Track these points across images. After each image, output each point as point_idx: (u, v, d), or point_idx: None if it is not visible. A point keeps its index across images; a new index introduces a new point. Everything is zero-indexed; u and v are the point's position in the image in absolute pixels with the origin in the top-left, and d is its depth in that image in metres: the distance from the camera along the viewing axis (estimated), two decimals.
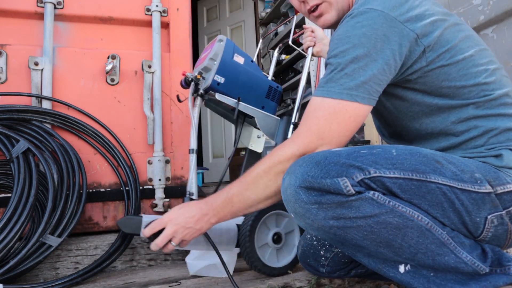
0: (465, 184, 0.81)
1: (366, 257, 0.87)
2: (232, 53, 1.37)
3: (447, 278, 0.82)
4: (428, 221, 0.79)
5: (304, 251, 1.15)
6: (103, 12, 1.78)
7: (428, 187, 0.80)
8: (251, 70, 1.41)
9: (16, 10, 1.67)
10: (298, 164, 0.81)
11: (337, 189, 0.76)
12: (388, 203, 0.78)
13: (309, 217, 0.80)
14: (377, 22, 0.84)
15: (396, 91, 0.94)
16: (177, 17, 1.88)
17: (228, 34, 4.33)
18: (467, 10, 1.77)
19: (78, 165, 1.51)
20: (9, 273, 1.23)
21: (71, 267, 1.43)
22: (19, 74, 1.63)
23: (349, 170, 0.77)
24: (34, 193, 1.29)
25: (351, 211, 0.77)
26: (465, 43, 0.91)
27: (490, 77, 0.91)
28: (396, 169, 0.79)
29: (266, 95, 1.46)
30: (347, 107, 0.85)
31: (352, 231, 0.79)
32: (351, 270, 1.12)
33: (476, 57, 0.91)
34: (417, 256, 0.80)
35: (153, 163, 1.73)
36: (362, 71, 0.84)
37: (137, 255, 1.51)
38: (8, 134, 1.41)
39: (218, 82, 1.32)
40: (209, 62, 1.34)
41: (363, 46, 0.84)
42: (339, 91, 0.85)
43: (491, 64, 0.93)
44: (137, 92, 1.77)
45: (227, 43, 1.36)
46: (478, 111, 0.90)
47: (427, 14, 0.87)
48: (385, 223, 0.77)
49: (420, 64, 0.88)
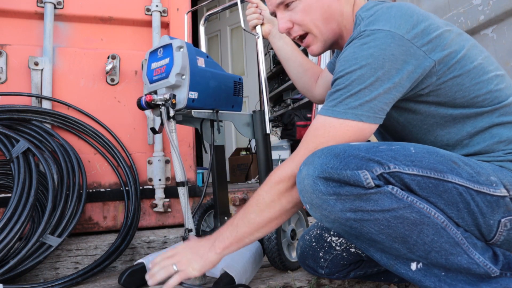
0: (481, 186, 0.81)
1: (378, 253, 0.86)
2: (196, 59, 1.17)
3: (457, 279, 0.82)
4: (444, 219, 0.79)
5: (303, 252, 1.15)
6: (103, 12, 1.78)
7: (445, 187, 0.80)
8: (216, 71, 1.26)
9: (16, 10, 1.67)
10: (317, 155, 0.81)
11: (357, 181, 0.76)
12: (407, 199, 0.77)
13: (326, 209, 0.79)
14: (384, 42, 0.83)
15: (409, 105, 0.93)
16: (177, 17, 1.88)
17: (228, 34, 4.33)
18: (467, 10, 1.77)
19: (78, 165, 1.51)
20: (9, 273, 1.23)
21: (71, 267, 1.43)
22: (19, 74, 1.63)
23: (369, 163, 0.77)
24: (34, 193, 1.29)
25: (369, 204, 0.77)
26: (472, 51, 0.90)
27: (501, 84, 0.91)
28: (415, 166, 0.79)
29: (234, 92, 1.35)
30: (348, 127, 0.84)
31: (368, 225, 0.78)
32: (350, 272, 1.12)
33: (484, 64, 0.91)
34: (430, 254, 0.80)
35: (153, 163, 1.73)
36: (367, 91, 0.83)
37: (137, 255, 1.51)
38: (8, 134, 1.41)
39: (193, 99, 1.15)
40: (177, 79, 1.12)
41: (369, 66, 0.83)
42: (344, 111, 0.84)
43: (498, 70, 0.93)
44: (137, 92, 1.77)
45: (189, 49, 1.15)
46: (493, 119, 0.90)
47: (433, 28, 0.87)
48: (402, 218, 0.77)
49: (431, 79, 0.87)
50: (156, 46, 1.20)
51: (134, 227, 1.50)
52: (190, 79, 1.12)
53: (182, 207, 1.14)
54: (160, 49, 1.18)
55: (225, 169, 1.49)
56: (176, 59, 1.12)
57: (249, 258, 1.15)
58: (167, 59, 1.14)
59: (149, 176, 1.73)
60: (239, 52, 4.33)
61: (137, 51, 1.82)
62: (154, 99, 1.10)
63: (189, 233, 1.13)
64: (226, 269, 1.05)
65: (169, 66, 1.13)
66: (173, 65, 1.12)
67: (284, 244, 1.27)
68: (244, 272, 1.10)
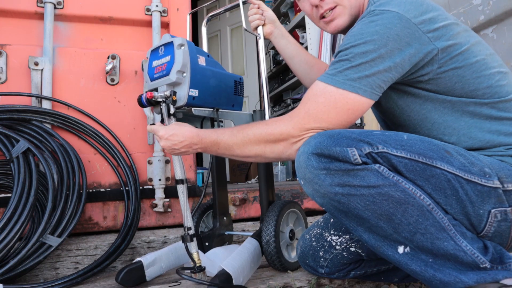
0: (472, 175, 0.83)
1: (366, 233, 0.88)
2: (197, 57, 1.18)
3: (445, 265, 0.83)
4: (430, 202, 0.82)
5: (303, 252, 1.15)
6: (103, 12, 1.78)
7: (433, 171, 0.82)
8: (217, 70, 1.26)
9: (16, 10, 1.67)
10: (313, 137, 0.87)
11: (345, 157, 0.81)
12: (392, 178, 0.81)
13: (317, 183, 0.84)
14: (391, 22, 0.86)
15: (408, 89, 0.95)
16: (177, 17, 1.88)
17: (228, 34, 4.33)
18: (467, 10, 1.77)
19: (78, 165, 1.51)
20: (9, 273, 1.23)
21: (71, 267, 1.43)
22: (19, 74, 1.63)
23: (359, 143, 0.82)
24: (34, 193, 1.29)
25: (356, 179, 0.81)
26: (476, 47, 0.92)
27: (503, 80, 0.92)
28: (404, 150, 0.83)
29: (234, 92, 1.35)
30: (347, 99, 0.87)
31: (355, 200, 0.82)
32: (350, 272, 1.12)
33: (488, 60, 0.92)
34: (416, 236, 0.82)
35: (153, 163, 1.73)
36: (368, 66, 0.86)
37: (137, 255, 1.51)
38: (8, 134, 1.41)
39: (193, 97, 1.15)
40: (178, 76, 1.11)
41: (374, 42, 0.86)
42: (343, 81, 0.87)
43: (502, 68, 0.94)
44: (137, 92, 1.77)
45: (190, 47, 1.15)
46: (492, 113, 0.91)
47: (441, 18, 0.89)
48: (387, 195, 0.81)
49: (432, 66, 0.89)
50: (158, 45, 1.20)
51: (134, 227, 1.50)
52: (191, 76, 1.13)
53: (181, 206, 1.15)
54: (162, 47, 1.18)
55: (225, 169, 1.49)
56: (177, 56, 1.12)
57: (247, 258, 1.15)
58: (168, 56, 1.14)
59: (149, 176, 1.73)
60: (239, 52, 4.33)
61: (137, 51, 1.82)
62: (154, 96, 1.10)
63: (188, 232, 1.13)
64: (223, 266, 1.05)
65: (170, 64, 1.13)
66: (174, 63, 1.12)
67: (283, 245, 1.27)
68: (242, 270, 1.10)
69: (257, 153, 0.97)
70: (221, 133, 1.01)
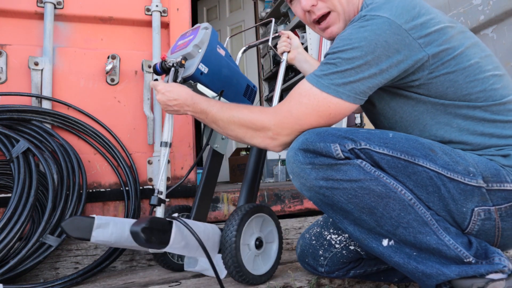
0: (455, 174, 0.84)
1: (352, 225, 0.90)
2: (216, 44, 1.28)
3: (429, 259, 0.84)
4: (412, 197, 0.83)
5: (303, 250, 1.16)
6: (103, 12, 1.78)
7: (415, 169, 0.84)
8: (232, 65, 1.33)
9: (16, 10, 1.67)
10: (302, 134, 0.90)
11: (328, 152, 0.84)
12: (374, 172, 0.84)
13: (303, 176, 0.88)
14: (380, 28, 0.85)
15: (400, 91, 0.95)
16: (177, 17, 1.88)
17: (228, 34, 4.33)
18: (467, 10, 1.77)
19: (78, 165, 1.51)
20: (9, 273, 1.23)
21: (71, 267, 1.43)
22: (19, 74, 1.63)
23: (343, 140, 0.85)
24: (34, 193, 1.29)
25: (339, 173, 0.84)
26: (471, 50, 0.91)
27: (497, 84, 0.91)
28: (387, 147, 0.85)
29: (244, 93, 1.40)
30: (330, 103, 0.90)
31: (338, 193, 0.85)
32: (350, 271, 1.13)
33: (482, 63, 0.91)
34: (398, 230, 0.84)
35: (153, 163, 1.73)
36: (353, 72, 0.87)
37: (137, 255, 1.51)
38: (8, 134, 1.41)
39: (201, 72, 1.21)
40: (194, 49, 1.22)
41: (361, 49, 0.86)
42: (327, 85, 0.89)
43: (497, 70, 0.93)
44: (137, 92, 1.77)
45: (213, 32, 1.27)
46: (486, 115, 0.90)
47: (433, 22, 0.88)
48: (368, 189, 0.83)
49: (422, 72, 0.89)
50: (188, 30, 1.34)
51: None
52: (205, 53, 1.21)
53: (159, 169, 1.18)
54: (190, 31, 1.32)
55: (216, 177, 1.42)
56: (198, 34, 1.25)
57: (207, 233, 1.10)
58: (191, 36, 1.28)
59: (149, 176, 1.73)
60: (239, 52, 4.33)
61: (137, 51, 1.82)
62: (167, 59, 1.21)
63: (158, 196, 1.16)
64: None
65: (191, 40, 1.26)
66: (194, 38, 1.25)
67: (250, 258, 1.14)
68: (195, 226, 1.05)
69: (238, 135, 1.01)
70: (212, 105, 1.07)
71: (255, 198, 1.29)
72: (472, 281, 0.81)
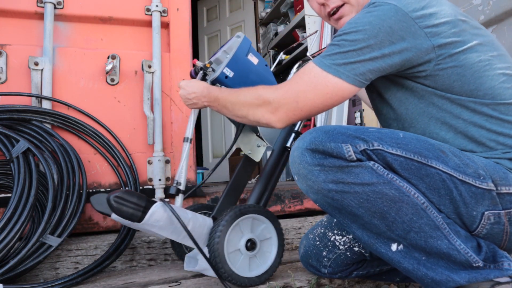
0: (467, 177, 0.82)
1: (360, 230, 0.87)
2: (247, 51, 1.32)
3: (438, 264, 0.83)
4: (424, 201, 0.81)
5: (306, 251, 1.15)
6: (103, 12, 1.78)
7: (428, 171, 0.82)
8: (263, 73, 1.36)
9: (16, 10, 1.67)
10: (309, 132, 0.87)
11: (340, 153, 0.80)
12: (387, 175, 0.81)
13: (311, 179, 0.84)
14: (386, 14, 0.86)
15: (407, 82, 0.94)
16: (177, 17, 1.88)
17: (228, 34, 4.33)
18: (467, 10, 1.77)
19: (78, 165, 1.51)
20: (9, 273, 1.23)
21: (71, 267, 1.43)
22: (19, 74, 1.63)
23: (354, 140, 0.82)
24: (34, 193, 1.29)
25: (350, 176, 0.81)
26: (483, 46, 0.89)
27: (508, 83, 0.90)
28: (399, 148, 0.82)
29: None
30: (328, 82, 0.89)
31: (349, 197, 0.82)
32: (353, 272, 1.12)
33: (493, 61, 0.89)
34: (409, 235, 0.82)
35: (153, 163, 1.73)
36: (355, 53, 0.87)
37: (137, 255, 1.51)
38: (8, 134, 1.40)
39: (226, 76, 1.26)
40: (222, 55, 1.32)
41: (364, 32, 0.86)
42: (329, 65, 0.89)
43: (510, 70, 0.91)
44: (137, 92, 1.77)
45: (244, 40, 1.33)
46: (494, 113, 0.88)
47: (443, 14, 0.87)
48: (381, 193, 0.80)
49: (429, 63, 0.87)
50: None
51: None
52: (231, 58, 1.27)
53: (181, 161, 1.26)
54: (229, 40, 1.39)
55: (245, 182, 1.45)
56: (229, 41, 1.34)
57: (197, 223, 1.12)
58: (225, 43, 1.36)
59: (149, 176, 1.73)
60: None
61: (137, 51, 1.82)
62: (197, 63, 1.33)
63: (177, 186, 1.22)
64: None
65: (222, 46, 1.35)
66: (225, 45, 1.34)
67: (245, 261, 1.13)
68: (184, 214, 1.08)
69: (243, 114, 1.04)
70: (222, 91, 1.13)
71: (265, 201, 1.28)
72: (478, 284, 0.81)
